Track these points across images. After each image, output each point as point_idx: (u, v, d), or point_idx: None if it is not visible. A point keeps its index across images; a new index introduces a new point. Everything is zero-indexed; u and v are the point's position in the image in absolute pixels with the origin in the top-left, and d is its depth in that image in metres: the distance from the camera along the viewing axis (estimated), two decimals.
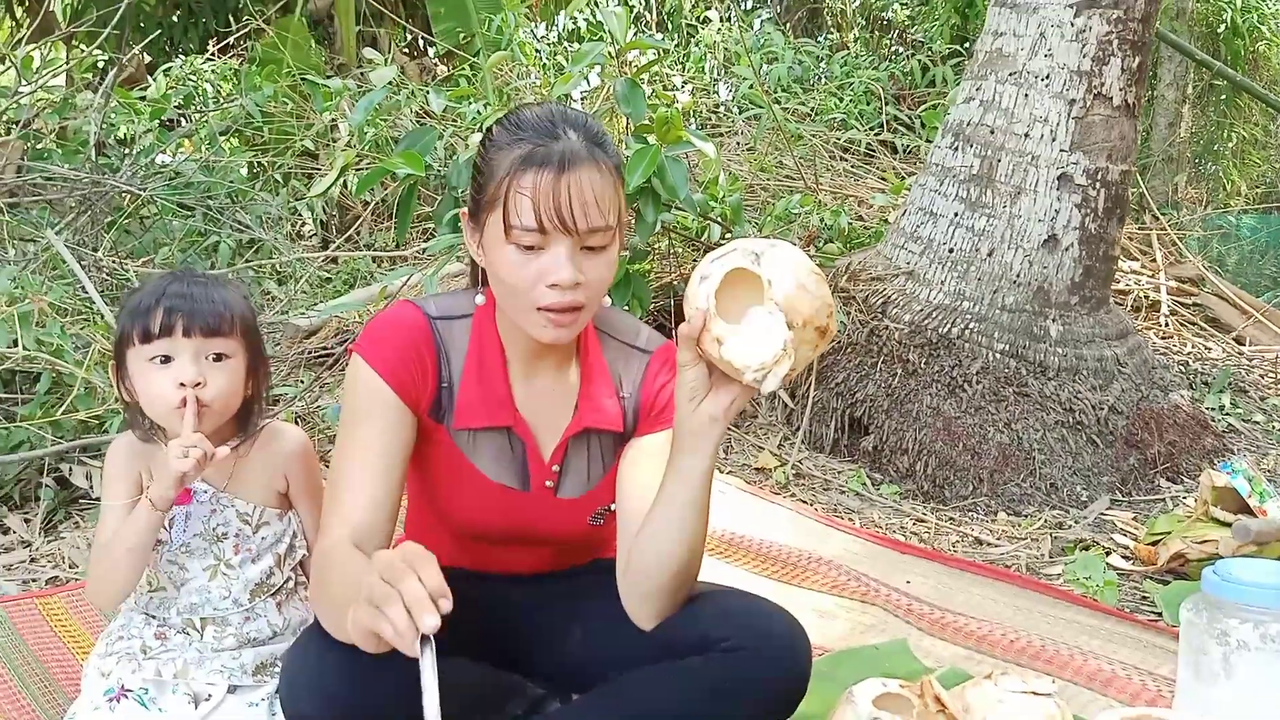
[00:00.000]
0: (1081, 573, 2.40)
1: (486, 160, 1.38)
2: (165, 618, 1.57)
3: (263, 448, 1.61)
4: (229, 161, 4.74)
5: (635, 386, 1.52)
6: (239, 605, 1.58)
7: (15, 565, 2.45)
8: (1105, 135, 3.07)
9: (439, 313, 1.48)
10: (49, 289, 3.08)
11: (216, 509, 1.57)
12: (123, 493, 1.55)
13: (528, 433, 1.48)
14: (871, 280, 3.34)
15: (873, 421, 3.13)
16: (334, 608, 1.28)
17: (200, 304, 1.50)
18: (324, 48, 6.85)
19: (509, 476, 1.49)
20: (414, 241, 4.64)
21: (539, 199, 1.32)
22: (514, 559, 1.56)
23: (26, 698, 1.81)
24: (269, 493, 1.61)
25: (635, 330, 1.56)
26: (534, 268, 1.34)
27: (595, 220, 1.34)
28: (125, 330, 1.50)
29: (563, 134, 1.35)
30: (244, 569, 1.58)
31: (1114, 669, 1.92)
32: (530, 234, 1.33)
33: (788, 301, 1.20)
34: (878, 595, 2.23)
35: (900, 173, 4.91)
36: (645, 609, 1.41)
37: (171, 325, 1.48)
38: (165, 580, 1.57)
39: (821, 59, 6.21)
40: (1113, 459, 3.01)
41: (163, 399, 1.48)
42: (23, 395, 2.92)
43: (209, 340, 1.50)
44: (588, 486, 1.52)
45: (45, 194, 4.17)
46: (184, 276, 1.55)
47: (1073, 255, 3.10)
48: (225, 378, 1.52)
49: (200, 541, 1.56)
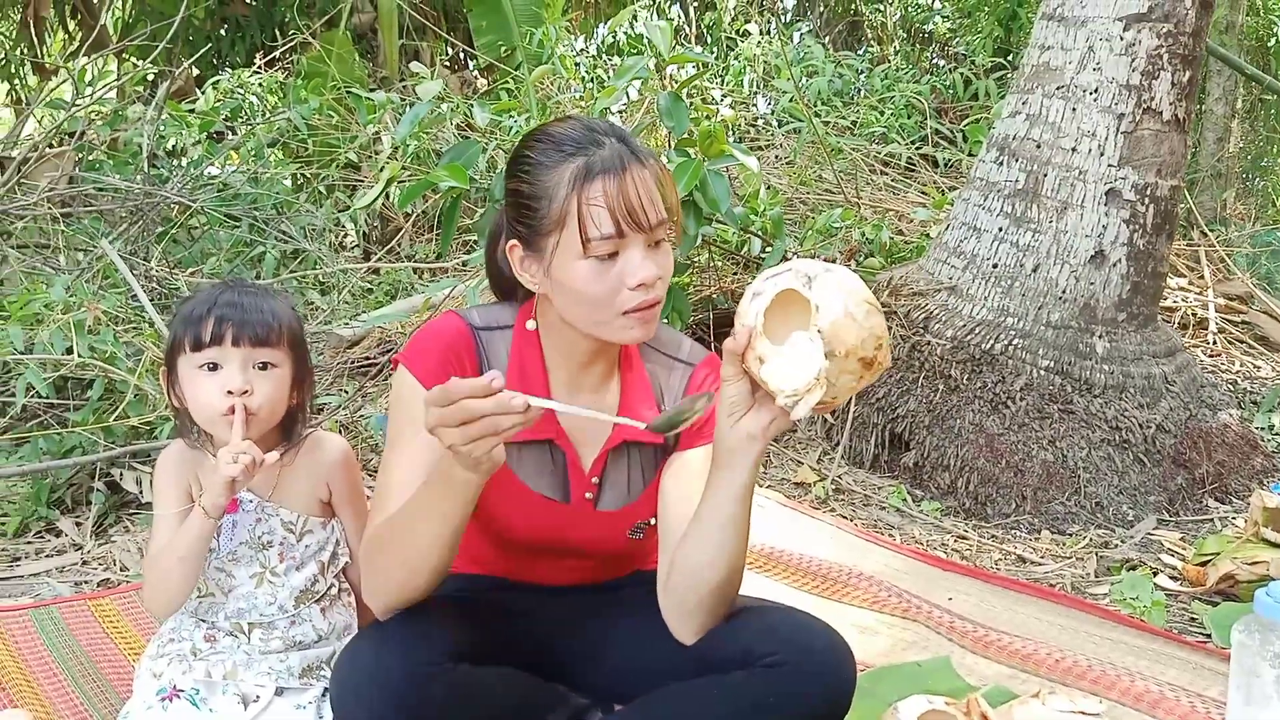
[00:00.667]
0: (1129, 593, 2.37)
1: (534, 184, 1.38)
2: (214, 621, 1.60)
3: (306, 456, 1.63)
4: (274, 173, 4.82)
5: (677, 399, 1.53)
6: (284, 611, 1.60)
7: (67, 568, 2.50)
8: (1155, 150, 3.04)
9: (482, 323, 1.50)
10: (102, 297, 3.14)
11: (262, 518, 1.60)
12: (173, 501, 1.58)
13: (569, 445, 1.49)
14: (913, 295, 3.32)
15: (914, 437, 3.11)
16: (395, 567, 1.33)
17: (250, 314, 1.53)
18: (367, 61, 6.94)
19: (549, 488, 1.50)
20: (454, 253, 4.68)
21: (612, 204, 1.33)
22: (554, 569, 1.57)
23: (79, 697, 1.84)
24: (312, 501, 1.64)
25: (678, 343, 1.57)
26: (613, 275, 1.35)
27: (661, 212, 1.37)
28: (177, 337, 1.54)
29: (604, 140, 1.37)
30: (289, 576, 1.60)
31: (1162, 690, 1.89)
32: (608, 241, 1.34)
33: (832, 330, 1.19)
34: (919, 612, 2.22)
35: (941, 187, 4.88)
36: (686, 624, 1.41)
37: (221, 334, 1.51)
38: (213, 586, 1.59)
39: (862, 72, 6.20)
40: (1160, 478, 2.97)
41: (210, 405, 1.51)
42: (75, 401, 2.98)
43: (256, 350, 1.53)
44: (627, 500, 1.52)
45: (97, 204, 4.26)
46: (235, 286, 1.58)
47: (1120, 271, 3.06)
48: (271, 386, 1.54)
49: (246, 550, 1.59)
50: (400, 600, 1.36)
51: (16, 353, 2.78)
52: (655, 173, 1.38)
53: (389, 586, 1.36)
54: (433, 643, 1.36)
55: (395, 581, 1.35)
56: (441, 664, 1.34)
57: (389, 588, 1.36)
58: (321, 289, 4.45)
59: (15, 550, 2.61)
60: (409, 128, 2.97)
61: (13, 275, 3.76)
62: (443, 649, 1.36)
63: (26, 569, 2.49)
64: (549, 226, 1.37)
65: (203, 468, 1.58)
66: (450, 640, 1.38)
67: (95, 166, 4.54)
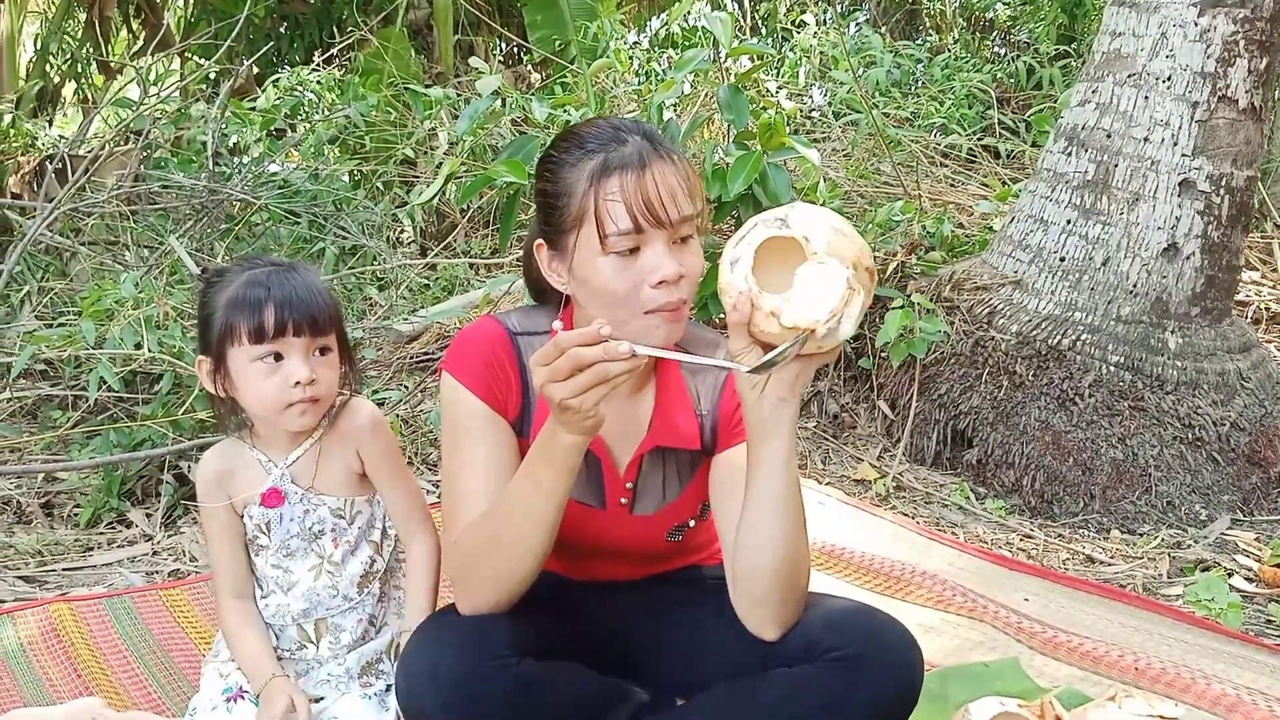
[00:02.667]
0: (1204, 594, 2.31)
1: (557, 182, 1.38)
2: (282, 625, 1.59)
3: (338, 430, 1.58)
4: (334, 170, 4.88)
5: (714, 402, 1.51)
6: (348, 600, 1.59)
7: (139, 558, 2.55)
8: (1230, 139, 2.95)
9: (520, 328, 1.49)
10: (170, 293, 3.20)
11: (309, 509, 1.58)
12: (219, 514, 1.57)
13: (604, 450, 1.48)
14: (976, 290, 3.26)
15: (977, 434, 3.05)
16: (497, 564, 1.33)
17: (307, 299, 1.49)
18: (423, 57, 6.99)
19: (585, 493, 1.49)
20: (511, 249, 4.69)
21: (629, 199, 1.32)
22: (599, 567, 1.58)
23: (152, 685, 1.88)
24: (351, 478, 1.60)
25: (714, 344, 1.55)
26: (634, 271, 1.34)
27: (684, 208, 1.35)
28: (231, 327, 1.47)
29: (628, 138, 1.36)
30: (346, 564, 1.59)
31: (1239, 694, 1.84)
32: (626, 237, 1.33)
33: (832, 249, 1.17)
34: (985, 611, 2.18)
35: (1004, 179, 4.79)
36: (759, 615, 1.39)
37: (284, 324, 1.46)
38: (273, 585, 1.58)
39: (921, 62, 6.10)
40: (1234, 477, 2.89)
41: (274, 398, 1.48)
42: (144, 395, 3.04)
43: (316, 337, 1.50)
44: (664, 503, 1.51)
45: (162, 202, 4.34)
46: (274, 266, 1.52)
47: (1194, 265, 2.98)
48: (331, 371, 1.52)
49: (299, 541, 1.57)
50: (503, 598, 1.36)
51: (89, 347, 2.84)
52: (680, 169, 1.36)
53: (491, 587, 1.35)
54: (495, 638, 1.36)
55: (498, 580, 1.35)
56: (505, 659, 1.35)
57: (491, 588, 1.35)
58: (380, 285, 4.49)
59: (88, 540, 2.68)
60: (469, 123, 2.98)
61: (83, 271, 3.85)
62: (505, 644, 1.36)
63: (99, 559, 2.55)
64: (569, 224, 1.37)
65: (238, 473, 1.57)
66: (512, 635, 1.38)
67: (160, 165, 4.63)
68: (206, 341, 1.51)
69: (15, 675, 1.89)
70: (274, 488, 1.56)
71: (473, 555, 1.36)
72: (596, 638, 1.55)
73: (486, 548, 1.35)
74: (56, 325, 3.27)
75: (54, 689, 1.85)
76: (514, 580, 1.35)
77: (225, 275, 1.53)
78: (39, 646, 1.99)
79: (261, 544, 1.58)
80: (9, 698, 1.81)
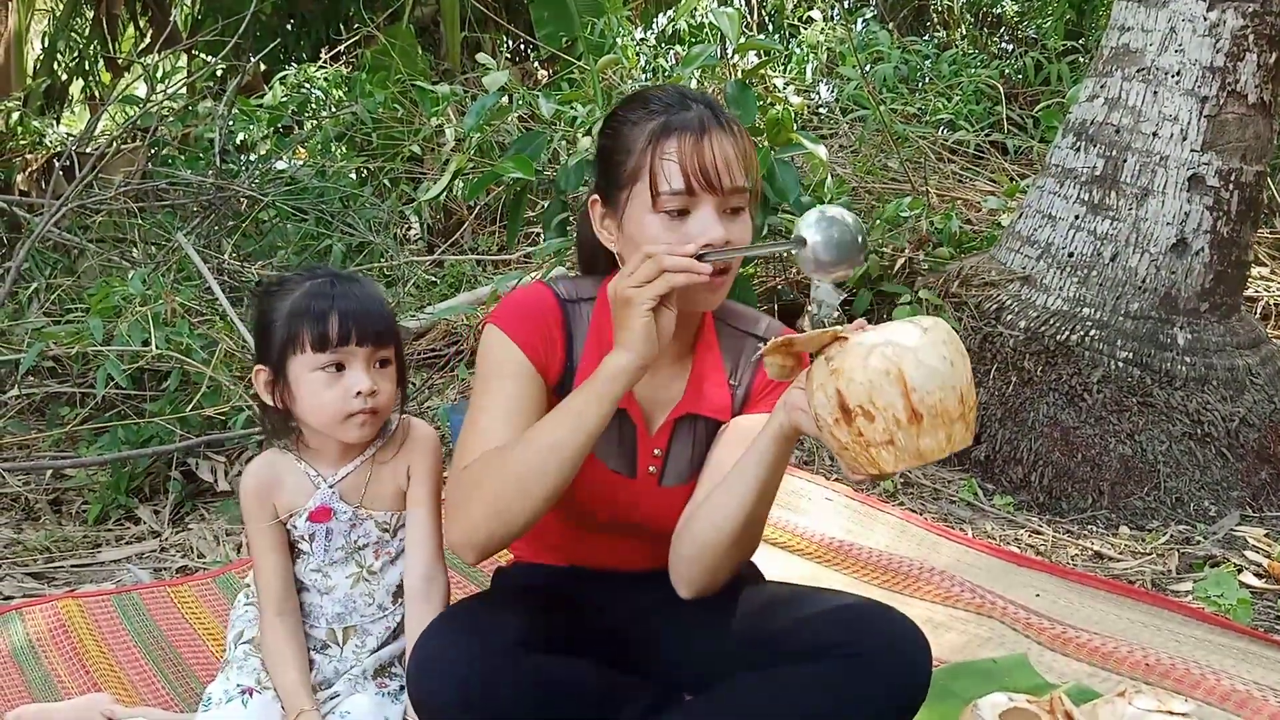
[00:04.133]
0: (1213, 590, 2.30)
1: (618, 138, 1.41)
2: (313, 624, 1.58)
3: (393, 443, 1.58)
4: (340, 167, 4.88)
5: (748, 373, 1.53)
6: (382, 610, 1.59)
7: (146, 554, 2.56)
8: (1239, 134, 2.94)
9: (568, 295, 1.51)
10: (177, 290, 3.21)
11: (356, 524, 1.57)
12: (263, 520, 1.55)
13: (639, 415, 1.49)
14: (984, 286, 3.25)
15: (984, 430, 3.04)
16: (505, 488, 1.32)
17: (370, 310, 1.48)
18: (429, 54, 6.99)
19: (616, 460, 1.50)
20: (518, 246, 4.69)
21: (684, 161, 1.35)
22: (614, 548, 1.57)
23: (160, 681, 1.89)
24: (398, 494, 1.59)
25: (755, 319, 1.57)
26: (681, 233, 1.36)
27: (738, 179, 1.37)
28: (294, 335, 1.46)
29: (692, 105, 1.39)
30: (385, 574, 1.59)
31: (1249, 689, 1.83)
32: (677, 197, 1.35)
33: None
34: (994, 607, 2.17)
35: (1012, 175, 4.77)
36: (684, 571, 1.41)
37: (347, 333, 1.45)
38: (310, 585, 1.58)
39: (928, 58, 6.08)
40: (1243, 473, 2.87)
41: (334, 408, 1.47)
42: (152, 392, 3.04)
43: (378, 349, 1.49)
44: (689, 476, 1.51)
45: (169, 199, 4.35)
46: (335, 276, 1.52)
47: (1203, 260, 2.97)
48: (390, 384, 1.51)
49: (341, 554, 1.57)
50: (497, 532, 1.34)
51: (97, 344, 2.85)
52: (739, 142, 1.39)
53: (490, 517, 1.33)
54: (503, 632, 1.36)
55: (498, 512, 1.33)
56: (512, 653, 1.35)
57: (488, 519, 1.33)
58: (387, 282, 4.50)
59: (96, 537, 2.68)
60: (476, 118, 2.98)
61: (90, 269, 3.86)
62: (514, 638, 1.36)
63: (107, 555, 2.56)
64: (625, 180, 1.39)
65: (282, 482, 1.55)
66: (521, 630, 1.38)
67: (168, 161, 4.64)
68: (265, 351, 1.50)
69: (24, 671, 1.90)
70: (324, 505, 1.55)
71: (478, 483, 1.34)
72: (606, 633, 1.55)
73: (497, 475, 1.33)
74: (64, 322, 3.28)
75: (62, 685, 1.86)
76: (513, 515, 1.33)
77: (285, 284, 1.52)
78: (47, 643, 1.99)
79: (302, 550, 1.57)
80: (18, 694, 1.82)
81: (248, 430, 2.80)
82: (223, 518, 2.67)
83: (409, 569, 1.59)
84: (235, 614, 1.67)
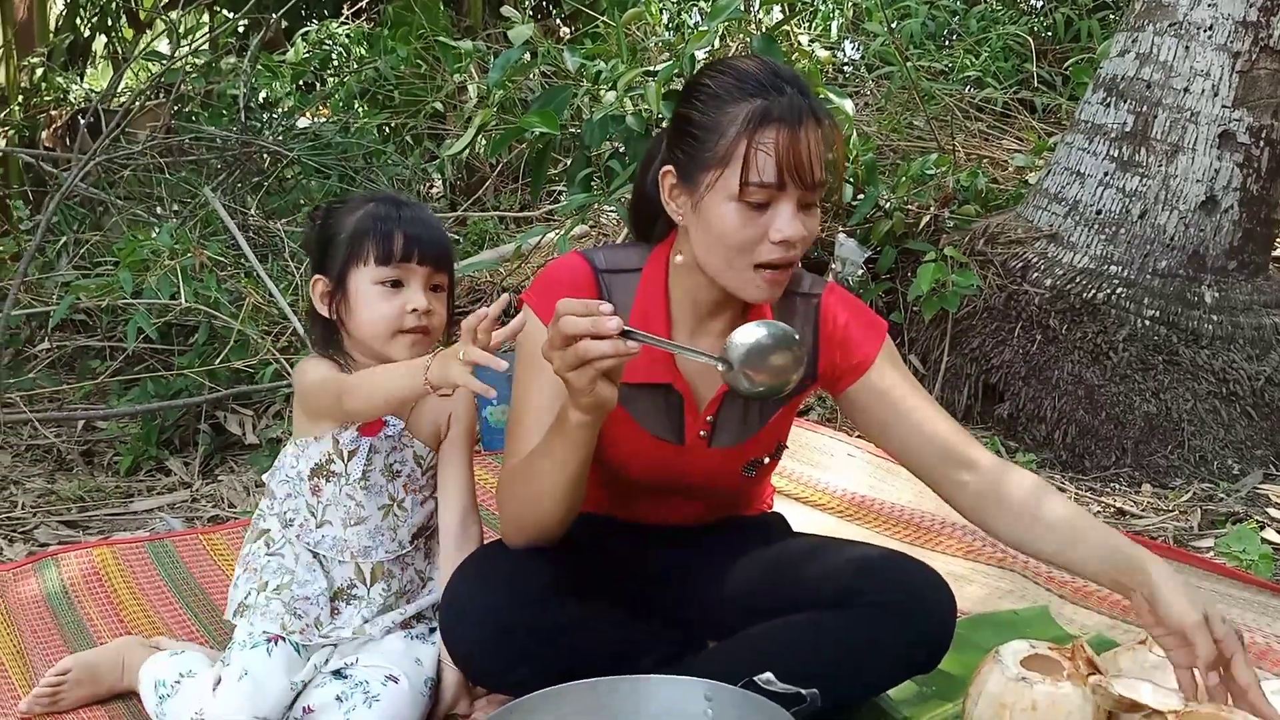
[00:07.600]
0: (1235, 546, 2.30)
1: (706, 116, 1.36)
2: (340, 560, 1.56)
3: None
4: (363, 123, 4.88)
5: (810, 334, 1.50)
6: (402, 547, 1.60)
7: (178, 505, 2.60)
8: (1272, 91, 2.89)
9: (606, 265, 1.49)
10: (204, 245, 3.23)
11: (399, 445, 1.58)
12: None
13: (687, 389, 1.48)
14: (1010, 244, 3.23)
15: (1009, 388, 3.04)
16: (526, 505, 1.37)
17: (432, 233, 1.53)
18: (451, 10, 6.94)
19: (663, 429, 1.49)
20: (541, 203, 4.69)
21: (781, 154, 1.31)
22: (663, 509, 1.57)
23: (194, 623, 1.93)
24: (436, 434, 1.61)
25: (799, 278, 1.54)
26: (759, 224, 1.33)
27: (820, 174, 1.34)
28: (359, 248, 1.50)
29: (785, 88, 1.34)
30: (413, 511, 1.60)
31: (1269, 642, 1.84)
32: (766, 190, 1.32)
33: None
34: (1015, 561, 2.18)
35: (1040, 132, 4.71)
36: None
37: (411, 251, 1.50)
38: (341, 515, 1.56)
39: (957, 14, 5.98)
40: (1268, 432, 2.86)
41: (388, 321, 1.50)
42: (180, 346, 3.08)
43: (436, 272, 1.53)
44: (743, 437, 1.51)
45: (194, 155, 4.36)
46: (400, 202, 1.55)
47: (1232, 218, 2.93)
48: (443, 308, 1.55)
49: (379, 477, 1.57)
50: (536, 535, 1.40)
51: (126, 297, 2.88)
52: (827, 134, 1.35)
53: (522, 522, 1.40)
54: (534, 578, 1.39)
55: (528, 519, 1.39)
56: (540, 599, 1.38)
57: (522, 523, 1.40)
58: None
59: (128, 487, 2.73)
60: (501, 72, 2.96)
61: (117, 224, 3.89)
62: (543, 584, 1.39)
63: (139, 505, 2.61)
64: (711, 161, 1.34)
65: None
66: (551, 576, 1.41)
67: (191, 118, 4.65)
68: (325, 262, 1.54)
69: (56, 616, 1.93)
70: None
71: (505, 496, 1.41)
72: (636, 581, 1.57)
73: (516, 494, 1.39)
74: (94, 276, 3.31)
75: (95, 630, 1.89)
76: (539, 529, 1.39)
77: (349, 203, 1.57)
78: (80, 588, 2.03)
79: (335, 470, 1.55)
80: (51, 638, 1.85)
81: (275, 383, 2.83)
82: (252, 469, 2.71)
83: (446, 508, 1.61)
84: (257, 562, 1.59)
